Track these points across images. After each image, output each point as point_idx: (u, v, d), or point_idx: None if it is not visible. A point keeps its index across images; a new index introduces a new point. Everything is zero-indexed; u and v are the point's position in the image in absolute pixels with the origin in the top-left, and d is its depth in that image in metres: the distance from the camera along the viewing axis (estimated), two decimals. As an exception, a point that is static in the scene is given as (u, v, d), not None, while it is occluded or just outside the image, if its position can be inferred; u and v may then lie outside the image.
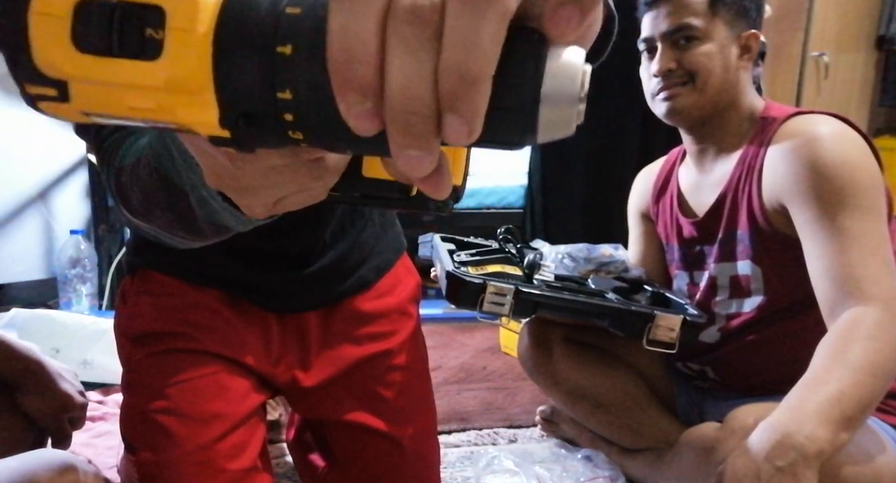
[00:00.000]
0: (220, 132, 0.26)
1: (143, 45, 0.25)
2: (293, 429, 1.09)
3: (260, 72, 0.25)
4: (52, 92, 0.26)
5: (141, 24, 0.25)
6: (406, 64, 0.22)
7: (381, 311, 0.98)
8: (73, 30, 0.25)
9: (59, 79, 0.26)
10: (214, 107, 0.26)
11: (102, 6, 0.25)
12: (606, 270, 1.30)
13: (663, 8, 1.10)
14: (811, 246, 0.95)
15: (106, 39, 0.25)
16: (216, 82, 0.25)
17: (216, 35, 0.25)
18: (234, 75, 0.25)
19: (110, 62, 0.25)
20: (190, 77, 0.25)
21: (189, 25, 0.24)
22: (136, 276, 0.92)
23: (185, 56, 0.25)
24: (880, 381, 0.81)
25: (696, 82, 1.08)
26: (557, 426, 1.37)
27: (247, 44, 0.25)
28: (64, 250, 2.16)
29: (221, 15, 0.25)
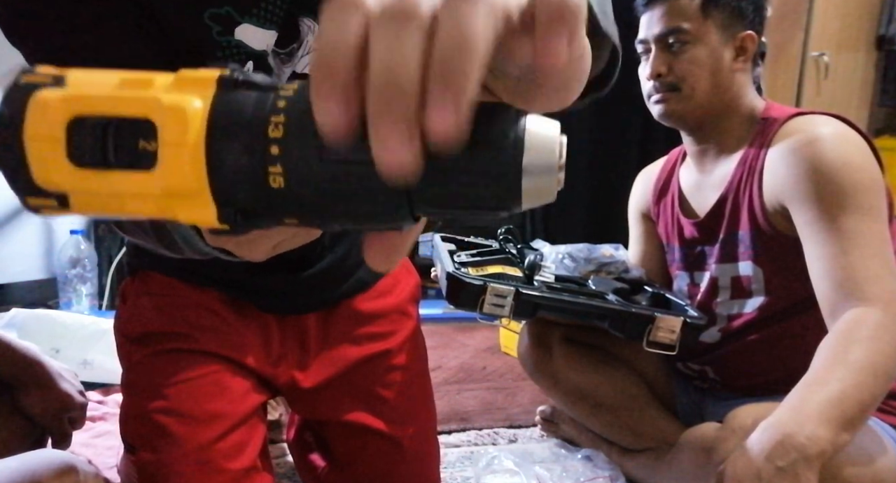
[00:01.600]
0: (218, 226, 0.28)
1: (138, 157, 0.26)
2: (293, 429, 1.09)
3: (252, 171, 0.26)
4: (52, 203, 0.27)
5: (134, 137, 0.26)
6: (387, 46, 0.22)
7: (381, 312, 0.98)
8: (69, 147, 0.26)
9: (58, 192, 0.27)
10: (212, 206, 0.27)
11: (95, 124, 0.26)
12: (607, 271, 1.30)
13: (657, 10, 1.10)
14: (812, 247, 0.95)
15: (101, 153, 0.26)
16: (211, 185, 0.26)
17: (207, 145, 0.26)
18: (228, 178, 0.26)
19: (107, 174, 0.26)
20: (185, 183, 0.26)
21: (181, 137, 0.26)
22: (137, 276, 0.92)
23: (179, 165, 0.26)
24: (881, 381, 0.81)
25: (682, 89, 1.09)
26: (557, 426, 1.37)
27: (236, 149, 0.26)
28: (64, 250, 2.16)
29: (210, 125, 0.26)
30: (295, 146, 0.26)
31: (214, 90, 0.27)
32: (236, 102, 0.26)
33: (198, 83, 0.27)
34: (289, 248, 0.41)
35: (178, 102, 0.26)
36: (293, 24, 0.71)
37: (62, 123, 0.26)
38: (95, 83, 0.27)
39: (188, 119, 0.26)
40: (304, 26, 0.72)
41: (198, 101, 0.26)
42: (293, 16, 0.71)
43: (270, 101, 0.26)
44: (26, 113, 0.26)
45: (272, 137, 0.26)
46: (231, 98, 0.26)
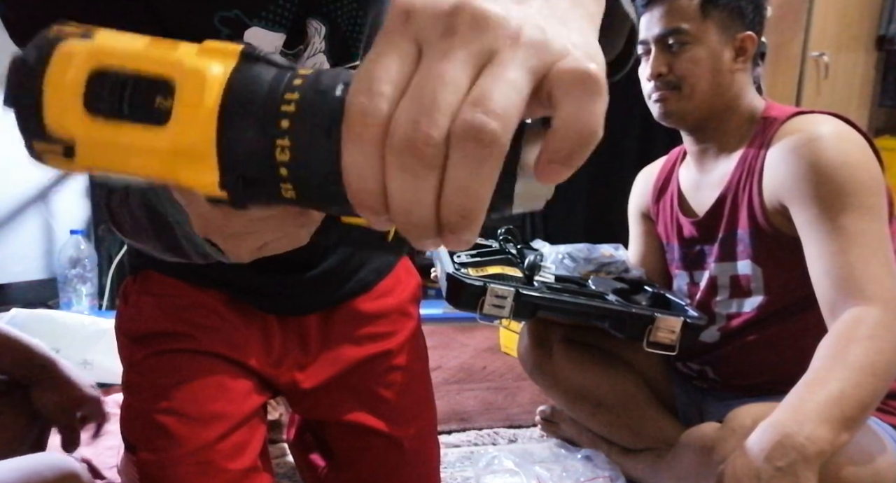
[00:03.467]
0: (217, 193, 0.28)
1: (152, 112, 0.27)
2: (293, 429, 1.09)
3: (260, 142, 0.27)
4: (58, 149, 0.28)
5: (152, 93, 0.27)
6: (404, 191, 0.24)
7: (382, 312, 0.98)
8: (86, 95, 0.27)
9: (67, 138, 0.27)
10: (215, 171, 0.28)
11: (116, 77, 0.27)
12: (607, 271, 1.30)
13: (656, 11, 1.10)
14: (812, 246, 0.95)
15: (116, 104, 0.27)
16: (219, 150, 0.27)
17: (221, 108, 0.27)
18: (236, 144, 0.27)
19: (119, 125, 0.27)
20: (194, 144, 0.27)
21: (197, 99, 0.27)
22: (138, 276, 0.92)
23: (192, 125, 0.27)
24: (881, 381, 0.81)
25: (683, 89, 1.09)
26: (557, 426, 1.37)
27: (249, 117, 0.27)
28: (64, 250, 2.16)
29: (227, 90, 0.27)
30: (305, 124, 0.26)
31: (236, 61, 0.27)
32: (255, 75, 0.27)
33: (221, 53, 0.28)
34: (275, 251, 0.41)
35: (200, 66, 0.27)
36: (301, 26, 0.71)
37: (84, 72, 0.27)
38: (123, 41, 0.28)
39: (207, 82, 0.27)
40: (311, 28, 0.72)
41: (219, 67, 0.27)
42: (301, 17, 0.71)
43: (287, 79, 0.27)
44: (51, 58, 0.27)
45: (284, 112, 0.27)
46: (251, 70, 0.27)
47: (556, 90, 0.24)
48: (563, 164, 0.25)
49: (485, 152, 0.23)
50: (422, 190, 0.24)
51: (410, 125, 0.23)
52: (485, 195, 0.24)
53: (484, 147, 0.23)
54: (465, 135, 0.23)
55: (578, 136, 0.24)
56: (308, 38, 0.72)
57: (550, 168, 0.25)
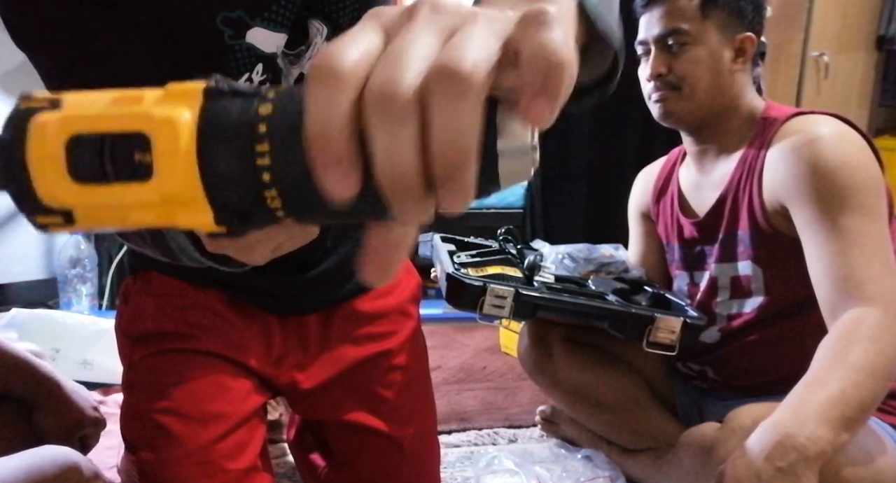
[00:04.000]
0: (216, 229, 0.29)
1: (134, 169, 0.27)
2: (293, 429, 1.09)
3: (244, 173, 0.27)
4: (59, 220, 0.29)
5: (129, 150, 0.27)
6: (388, 138, 0.24)
7: (381, 312, 0.98)
8: (69, 165, 0.28)
9: (63, 209, 0.28)
10: (209, 211, 0.28)
11: (92, 140, 0.27)
12: (607, 271, 1.30)
13: (656, 11, 1.10)
14: (812, 247, 0.95)
15: (100, 169, 0.28)
16: (206, 191, 0.28)
17: (198, 149, 0.27)
18: (221, 181, 0.28)
19: (107, 188, 0.28)
20: (181, 190, 0.28)
21: (173, 147, 0.27)
22: (138, 276, 0.92)
23: (174, 173, 0.27)
24: (881, 381, 0.81)
25: (683, 90, 1.09)
26: (557, 426, 1.37)
27: (226, 152, 0.27)
28: (64, 250, 2.16)
29: (199, 130, 0.27)
30: (282, 147, 0.27)
31: (201, 100, 0.28)
32: (223, 110, 0.28)
33: (185, 95, 0.28)
34: (289, 249, 0.42)
35: (168, 114, 0.27)
36: (302, 26, 0.72)
37: (61, 143, 0.27)
38: (89, 103, 0.29)
39: (178, 129, 0.27)
40: (312, 28, 0.72)
41: (186, 112, 0.28)
42: (302, 18, 0.71)
43: (255, 106, 0.28)
44: (27, 136, 0.28)
45: (259, 139, 0.27)
46: (217, 106, 0.28)
47: (516, 33, 0.26)
48: (543, 96, 0.25)
49: (462, 87, 0.24)
50: (403, 138, 0.24)
51: (385, 75, 0.24)
52: (470, 136, 0.24)
53: (460, 82, 0.23)
54: (441, 74, 0.24)
55: (545, 62, 0.25)
56: (310, 39, 0.73)
57: (533, 105, 0.25)
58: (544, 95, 0.25)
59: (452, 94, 0.24)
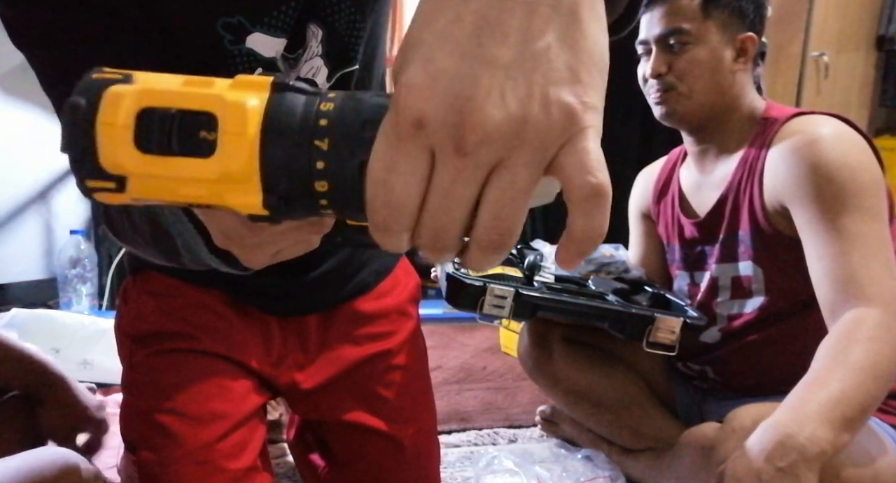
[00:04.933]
0: (260, 212, 0.31)
1: (198, 145, 0.29)
2: (293, 429, 1.09)
3: (299, 164, 0.29)
4: (110, 185, 0.30)
5: (196, 127, 0.29)
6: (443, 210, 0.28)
7: (381, 312, 0.98)
8: (136, 134, 0.29)
9: (120, 174, 0.30)
10: (259, 192, 0.30)
11: (163, 114, 0.29)
12: (607, 271, 1.30)
13: (657, 10, 1.10)
14: (812, 247, 0.95)
15: (165, 141, 0.29)
16: (261, 173, 0.30)
17: (262, 136, 0.29)
18: (277, 167, 0.30)
19: (168, 160, 0.30)
20: (239, 170, 0.30)
21: (240, 129, 0.29)
22: (138, 276, 0.92)
23: (236, 153, 0.29)
24: (881, 382, 0.81)
25: (682, 90, 1.09)
26: (557, 426, 1.37)
27: (287, 141, 0.29)
28: (64, 250, 2.16)
29: (265, 119, 0.29)
30: (339, 146, 0.29)
31: (269, 92, 0.30)
32: (288, 103, 0.30)
33: (255, 85, 0.30)
34: (288, 257, 0.43)
35: (239, 99, 0.29)
36: (301, 30, 0.71)
37: (133, 113, 0.29)
38: (163, 81, 0.31)
39: (248, 113, 0.29)
40: (309, 31, 0.72)
41: (255, 99, 0.30)
42: (301, 23, 0.71)
43: (318, 104, 0.30)
44: (101, 102, 0.30)
45: (320, 136, 0.29)
46: (284, 99, 0.30)
47: (568, 202, 0.28)
48: (578, 258, 0.29)
49: (499, 254, 0.29)
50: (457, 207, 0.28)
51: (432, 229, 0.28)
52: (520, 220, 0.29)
53: (498, 252, 0.29)
54: (485, 247, 0.28)
55: (589, 239, 0.29)
56: (306, 42, 0.73)
57: (569, 258, 0.29)
58: (581, 255, 0.29)
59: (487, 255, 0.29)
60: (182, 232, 0.48)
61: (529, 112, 0.26)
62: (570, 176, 0.27)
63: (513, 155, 0.27)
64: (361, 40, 0.77)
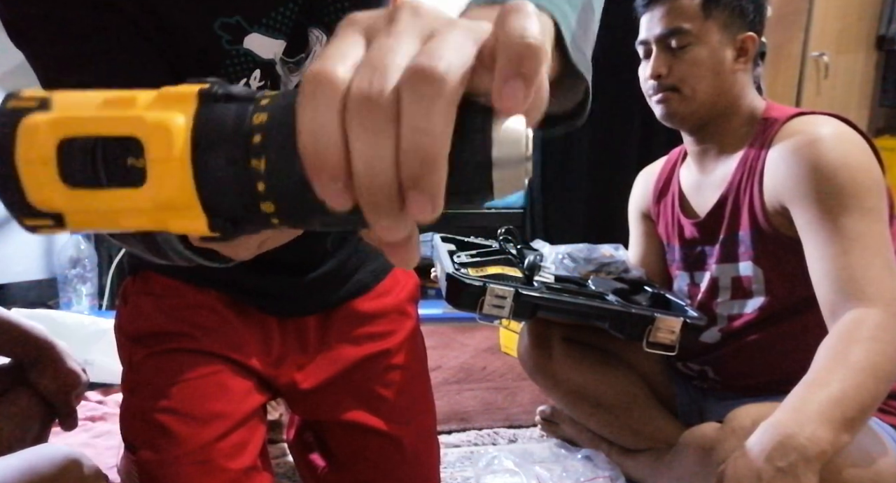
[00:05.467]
0: (209, 234, 0.29)
1: (127, 174, 0.27)
2: (293, 429, 1.09)
3: (239, 181, 0.27)
4: (48, 222, 0.28)
5: (122, 154, 0.27)
6: (366, 147, 0.24)
7: (380, 312, 0.98)
8: (60, 168, 0.27)
9: (53, 212, 0.28)
10: (202, 217, 0.28)
11: (84, 144, 0.27)
12: (607, 271, 1.30)
13: (657, 11, 1.10)
14: (812, 247, 0.95)
15: (92, 173, 0.27)
16: (200, 197, 0.27)
17: (193, 157, 0.27)
18: (215, 188, 0.27)
19: (99, 193, 0.27)
20: (175, 196, 0.27)
21: (166, 154, 0.27)
22: (138, 276, 0.92)
23: (168, 180, 0.27)
24: (882, 382, 0.81)
25: (683, 91, 1.09)
26: (557, 426, 1.37)
27: (220, 159, 0.27)
28: (64, 250, 2.16)
29: (193, 138, 0.27)
30: (277, 155, 0.27)
31: (196, 105, 0.28)
32: (218, 115, 0.27)
33: (179, 99, 0.28)
34: (276, 244, 0.43)
35: (162, 119, 0.27)
36: (302, 34, 0.72)
37: (52, 146, 0.27)
38: (81, 104, 0.28)
39: (172, 135, 0.27)
40: (312, 36, 0.72)
41: (180, 117, 0.27)
42: (302, 26, 0.71)
43: (250, 113, 0.27)
44: (17, 138, 0.27)
45: (255, 147, 0.27)
46: (212, 111, 0.27)
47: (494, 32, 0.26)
48: (517, 77, 0.25)
49: (434, 89, 0.24)
50: (381, 144, 0.24)
51: (365, 83, 0.24)
52: (440, 139, 0.24)
53: (432, 83, 0.24)
54: (414, 76, 0.24)
55: (519, 44, 0.25)
56: (309, 47, 0.73)
57: (507, 88, 0.25)
58: (519, 78, 0.25)
59: (423, 96, 0.24)
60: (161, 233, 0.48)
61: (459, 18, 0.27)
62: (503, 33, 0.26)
63: (446, 27, 0.26)
64: None
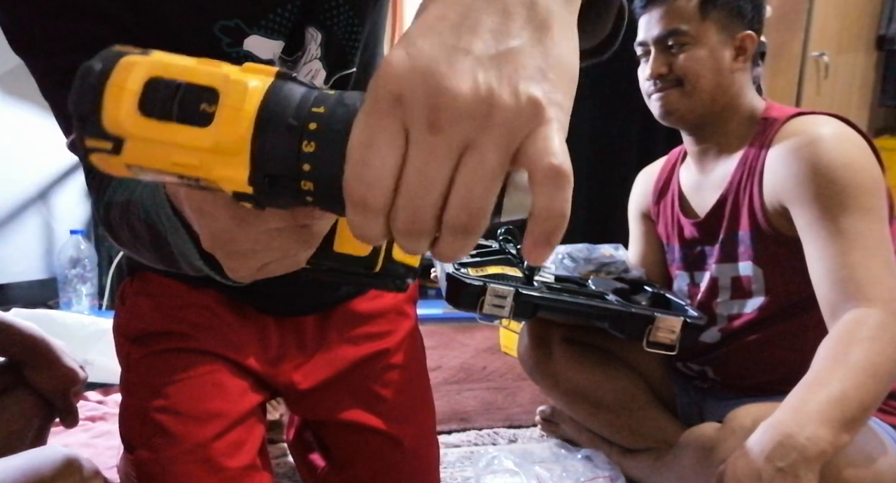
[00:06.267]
0: (245, 188, 0.32)
1: (198, 115, 0.31)
2: (293, 429, 1.09)
3: (289, 145, 0.31)
4: (108, 146, 0.32)
5: (199, 100, 0.31)
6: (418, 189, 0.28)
7: (378, 311, 0.98)
8: (142, 100, 0.31)
9: (118, 135, 0.31)
10: (247, 167, 0.31)
11: (169, 84, 0.31)
12: (607, 271, 1.30)
13: (655, 12, 1.10)
14: (812, 247, 0.95)
15: (168, 107, 0.31)
16: (252, 149, 0.31)
17: (258, 115, 0.31)
18: (268, 146, 0.31)
19: (167, 125, 0.31)
20: (232, 142, 0.31)
21: (238, 105, 0.31)
22: (136, 277, 0.92)
23: (232, 126, 0.31)
24: (881, 382, 0.81)
25: (685, 87, 1.09)
26: (557, 426, 1.37)
27: (281, 125, 0.31)
28: (64, 250, 2.16)
29: (264, 100, 0.31)
30: (327, 136, 0.30)
31: (273, 79, 0.32)
32: (288, 90, 0.32)
33: (260, 71, 0.32)
34: (273, 273, 0.44)
35: (243, 78, 0.32)
36: (299, 33, 0.72)
37: (142, 79, 0.31)
38: (176, 57, 0.33)
39: (248, 92, 0.31)
40: (308, 34, 0.72)
41: (257, 82, 0.32)
42: (299, 26, 0.71)
43: (314, 97, 0.32)
44: (115, 67, 0.31)
45: (311, 122, 0.31)
46: (284, 86, 0.32)
47: (531, 181, 0.29)
48: (545, 244, 0.30)
49: (469, 239, 0.29)
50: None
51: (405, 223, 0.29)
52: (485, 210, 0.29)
53: (468, 237, 0.29)
54: (455, 230, 0.29)
55: (553, 222, 0.29)
56: (305, 45, 0.73)
57: (536, 248, 0.30)
58: (548, 244, 0.30)
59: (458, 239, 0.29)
60: (177, 239, 0.48)
61: (500, 96, 0.28)
62: (533, 159, 0.29)
63: (482, 136, 0.28)
64: (359, 44, 0.77)
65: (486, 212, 0.29)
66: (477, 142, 0.28)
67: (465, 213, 0.28)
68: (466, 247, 0.30)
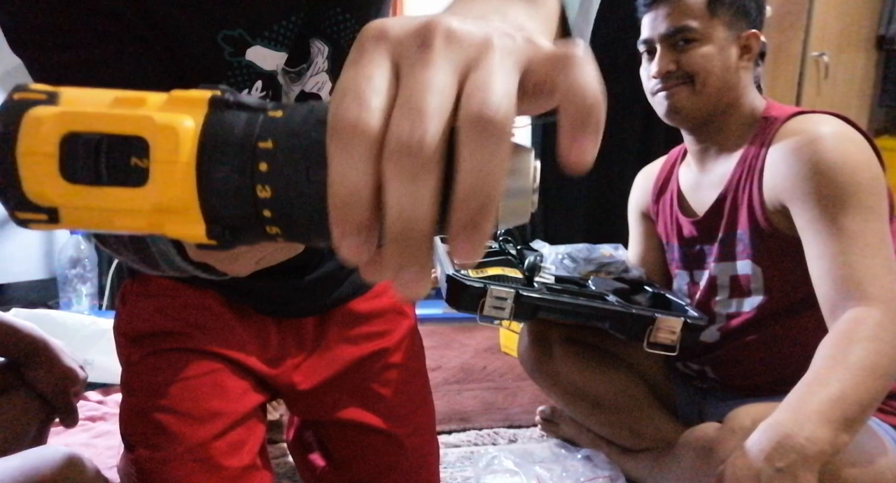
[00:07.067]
0: (206, 241, 0.28)
1: (129, 173, 0.27)
2: (293, 429, 1.09)
3: (240, 189, 0.27)
4: (42, 217, 0.28)
5: (126, 154, 0.27)
6: (405, 198, 0.23)
7: (377, 311, 0.98)
8: (61, 163, 0.27)
9: (49, 207, 0.27)
10: (201, 223, 0.28)
11: (88, 140, 0.27)
12: (607, 271, 1.30)
13: (662, 9, 1.10)
14: (812, 246, 0.95)
15: (93, 170, 0.27)
16: (201, 202, 0.27)
17: (198, 161, 0.27)
18: (217, 195, 0.27)
19: (98, 190, 0.27)
20: (176, 200, 0.27)
21: (172, 156, 0.26)
22: (136, 277, 0.92)
23: (171, 182, 0.26)
24: (881, 381, 0.81)
25: (695, 84, 1.08)
26: (557, 426, 1.37)
27: (226, 166, 0.27)
28: (64, 250, 2.16)
29: (201, 143, 0.27)
30: (284, 167, 0.26)
31: (206, 110, 0.27)
32: (227, 122, 0.27)
33: (190, 103, 0.27)
34: (272, 263, 0.42)
35: (171, 121, 0.26)
36: (304, 45, 0.72)
37: (55, 139, 0.27)
38: (89, 101, 0.28)
39: (180, 138, 0.26)
40: (314, 48, 0.72)
41: (189, 120, 0.27)
42: (304, 37, 0.71)
43: (260, 122, 0.27)
44: (20, 129, 0.27)
45: (261, 157, 0.27)
46: (222, 118, 0.27)
47: (551, 73, 0.26)
48: (587, 134, 0.26)
49: (495, 134, 0.23)
50: (421, 194, 0.23)
51: (405, 131, 0.23)
52: (499, 179, 0.24)
53: (493, 130, 0.23)
54: (473, 125, 0.23)
55: (586, 101, 0.25)
56: (311, 57, 0.73)
57: (577, 143, 0.25)
58: (589, 132, 0.25)
59: (486, 142, 0.23)
60: (156, 242, 0.47)
61: (492, 34, 0.26)
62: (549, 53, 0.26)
63: (483, 53, 0.25)
64: None
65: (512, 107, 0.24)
66: (479, 58, 0.25)
67: (489, 110, 0.23)
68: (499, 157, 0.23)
